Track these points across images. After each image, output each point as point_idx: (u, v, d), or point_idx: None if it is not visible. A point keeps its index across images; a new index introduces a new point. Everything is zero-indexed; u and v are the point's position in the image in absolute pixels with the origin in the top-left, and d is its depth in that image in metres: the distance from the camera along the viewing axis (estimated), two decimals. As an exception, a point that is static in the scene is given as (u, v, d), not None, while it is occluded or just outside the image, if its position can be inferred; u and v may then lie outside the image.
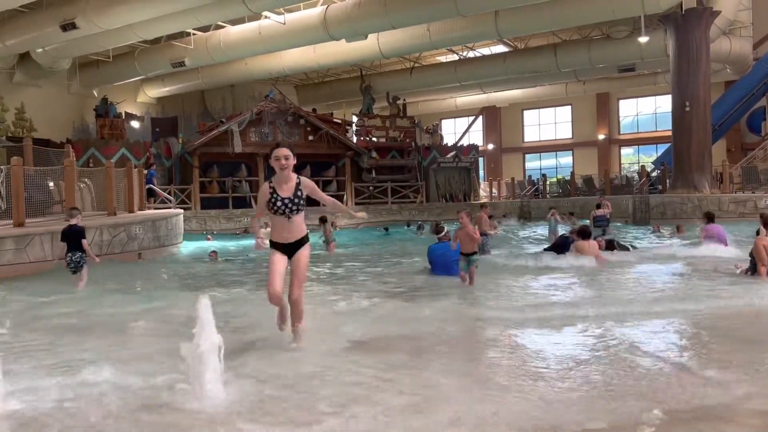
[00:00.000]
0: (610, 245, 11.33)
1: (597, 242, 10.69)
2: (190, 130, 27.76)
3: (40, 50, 21.44)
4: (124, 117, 25.82)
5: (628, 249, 11.31)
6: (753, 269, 8.22)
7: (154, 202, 20.63)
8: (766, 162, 22.89)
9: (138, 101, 29.72)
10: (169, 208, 20.07)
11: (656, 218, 20.16)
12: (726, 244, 11.21)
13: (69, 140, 23.05)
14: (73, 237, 9.04)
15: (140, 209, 16.15)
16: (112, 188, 14.06)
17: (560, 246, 11.23)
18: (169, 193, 22.35)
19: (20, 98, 24.24)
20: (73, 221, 9.18)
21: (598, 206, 16.89)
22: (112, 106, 25.06)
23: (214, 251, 13.79)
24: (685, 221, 18.70)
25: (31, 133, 23.22)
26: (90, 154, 22.33)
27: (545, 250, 11.72)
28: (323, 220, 14.96)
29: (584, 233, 10.44)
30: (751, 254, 8.31)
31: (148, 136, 26.39)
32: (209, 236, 17.58)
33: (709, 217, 11.82)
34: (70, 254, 8.97)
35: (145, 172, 19.34)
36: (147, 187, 19.13)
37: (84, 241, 9.09)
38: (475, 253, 8.27)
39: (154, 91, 29.58)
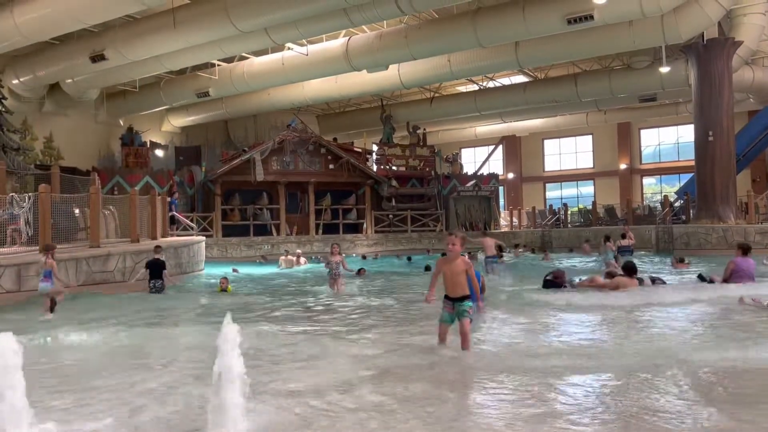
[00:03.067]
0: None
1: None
2: (213, 159, 28.19)
3: (69, 81, 22.01)
4: (148, 146, 26.28)
5: (663, 282, 10.95)
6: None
7: (177, 229, 20.86)
8: (793, 192, 22.52)
9: (163, 130, 30.26)
10: (191, 235, 20.27)
11: (680, 249, 19.86)
12: (753, 280, 10.59)
13: (95, 168, 23.50)
14: (156, 267, 11.40)
15: (163, 236, 16.33)
16: (136, 215, 14.26)
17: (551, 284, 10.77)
18: (191, 221, 22.58)
19: (49, 127, 24.83)
20: (157, 256, 11.70)
21: (623, 236, 16.76)
22: (137, 135, 25.55)
23: (225, 278, 13.41)
24: (710, 252, 18.45)
25: (58, 161, 23.73)
26: (115, 181, 22.74)
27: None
28: (335, 251, 12.15)
29: (630, 269, 10.16)
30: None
31: (172, 164, 26.82)
32: (235, 269, 17.53)
33: (745, 250, 10.61)
34: (153, 281, 11.35)
35: (168, 199, 19.60)
36: (170, 214, 19.38)
37: (165, 272, 11.54)
38: (466, 298, 5.80)
39: (178, 121, 30.12)
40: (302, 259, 20.20)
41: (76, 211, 14.39)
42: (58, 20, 16.61)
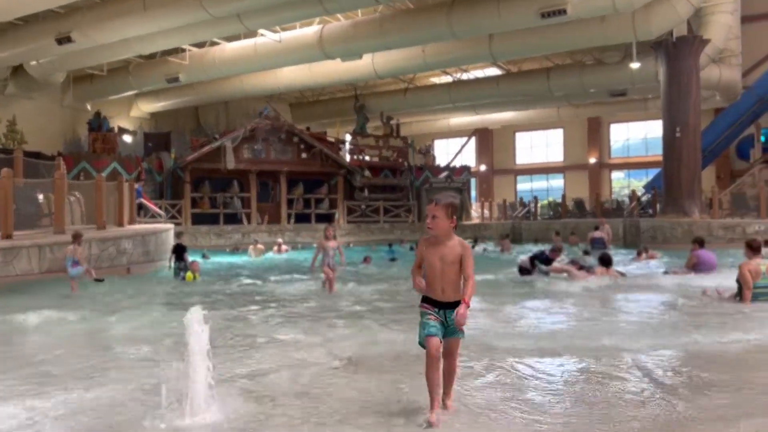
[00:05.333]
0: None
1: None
2: (182, 146, 27.74)
3: (34, 63, 21.40)
4: (116, 131, 25.75)
5: (624, 274, 11.27)
6: (740, 294, 8.22)
7: (145, 216, 20.53)
8: (755, 188, 23.08)
9: (131, 116, 29.66)
10: (160, 222, 19.96)
11: (647, 242, 20.22)
12: (714, 270, 11.20)
13: (60, 153, 22.93)
14: (180, 251, 12.97)
15: (130, 223, 16.05)
16: (102, 202, 13.97)
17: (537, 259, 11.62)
18: (159, 208, 22.24)
19: (12, 110, 24.13)
20: (179, 241, 13.54)
21: (596, 228, 17.00)
22: (105, 120, 25.00)
23: (195, 262, 13.34)
24: (675, 246, 18.83)
25: (21, 145, 23.09)
26: (81, 167, 22.22)
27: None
28: (330, 234, 10.48)
29: (606, 261, 10.89)
30: (737, 279, 8.31)
31: (141, 150, 26.33)
32: (206, 254, 17.25)
33: (700, 243, 11.73)
34: (177, 263, 12.90)
35: (135, 186, 19.26)
36: (137, 201, 19.05)
37: (185, 254, 13.12)
38: (456, 303, 3.56)
39: (147, 106, 29.55)
40: (284, 247, 20.27)
41: (40, 196, 14.05)
42: (22, 0, 16.10)
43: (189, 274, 12.44)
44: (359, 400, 4.06)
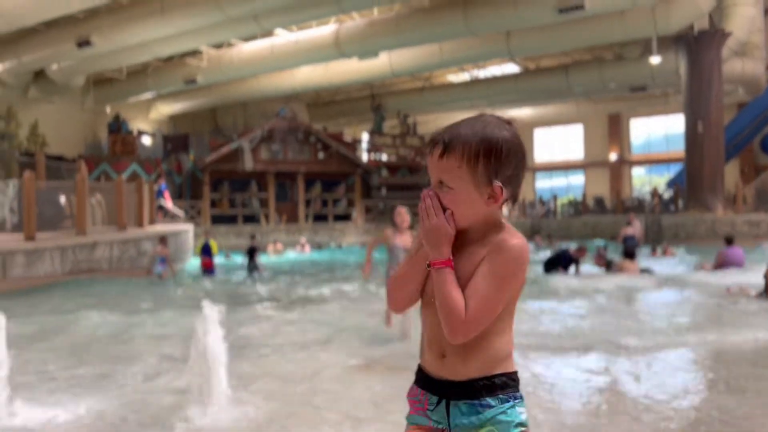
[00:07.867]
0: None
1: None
2: (201, 147, 27.92)
3: (55, 67, 21.68)
4: (136, 134, 26.01)
5: (652, 272, 11.19)
6: (766, 292, 8.05)
7: (164, 216, 20.68)
8: (780, 183, 22.68)
9: (150, 118, 29.93)
10: (179, 223, 20.09)
11: (669, 239, 19.95)
12: (742, 266, 10.94)
13: (81, 156, 23.20)
14: (252, 252, 14.45)
15: (151, 224, 16.18)
16: (123, 203, 14.09)
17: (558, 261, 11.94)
18: (179, 209, 22.38)
19: (34, 114, 24.46)
20: (253, 243, 15.13)
21: (628, 223, 16.90)
22: (124, 122, 25.26)
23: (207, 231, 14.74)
24: (699, 242, 18.55)
25: (43, 148, 23.40)
26: (102, 169, 22.48)
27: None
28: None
29: (630, 254, 11.20)
30: (765, 276, 8.14)
31: (160, 152, 26.56)
32: (228, 254, 17.27)
33: (729, 241, 11.49)
34: (249, 262, 14.34)
35: (157, 186, 19.41)
36: (158, 203, 19.22)
37: (256, 255, 14.49)
38: (498, 387, 1.47)
39: (166, 108, 29.80)
40: (307, 246, 20.43)
41: (62, 198, 14.20)
42: (42, 5, 16.29)
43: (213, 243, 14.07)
44: (378, 400, 4.02)
